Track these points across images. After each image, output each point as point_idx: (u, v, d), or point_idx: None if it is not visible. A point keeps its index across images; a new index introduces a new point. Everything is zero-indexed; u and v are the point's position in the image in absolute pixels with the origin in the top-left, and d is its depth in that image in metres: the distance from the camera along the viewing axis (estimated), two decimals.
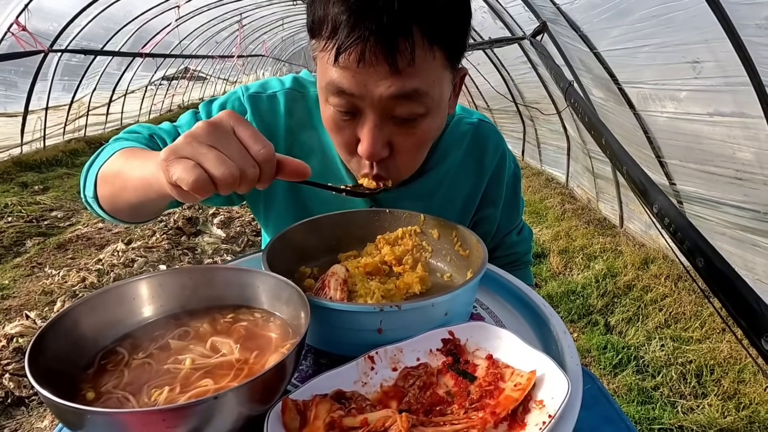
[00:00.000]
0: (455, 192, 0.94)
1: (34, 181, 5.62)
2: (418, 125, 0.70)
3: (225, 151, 0.49)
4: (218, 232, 4.20)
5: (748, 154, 2.15)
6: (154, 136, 0.83)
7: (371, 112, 0.68)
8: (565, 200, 4.73)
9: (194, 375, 0.52)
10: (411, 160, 0.77)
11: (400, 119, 0.69)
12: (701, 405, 2.16)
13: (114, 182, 0.69)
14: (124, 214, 0.75)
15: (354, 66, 0.63)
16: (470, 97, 7.46)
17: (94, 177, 0.73)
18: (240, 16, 9.81)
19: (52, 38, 5.46)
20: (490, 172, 0.96)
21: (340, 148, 0.76)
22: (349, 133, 0.72)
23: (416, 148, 0.75)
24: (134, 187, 0.65)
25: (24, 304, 3.01)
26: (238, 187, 0.50)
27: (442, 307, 0.61)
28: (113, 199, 0.71)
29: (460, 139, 0.93)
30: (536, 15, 3.29)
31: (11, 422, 2.13)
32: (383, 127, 0.69)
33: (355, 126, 0.71)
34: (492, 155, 0.95)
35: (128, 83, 8.39)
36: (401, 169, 0.77)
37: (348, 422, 0.48)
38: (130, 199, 0.67)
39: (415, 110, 0.68)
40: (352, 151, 0.74)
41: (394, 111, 0.68)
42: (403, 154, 0.74)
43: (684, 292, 2.94)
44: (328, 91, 0.68)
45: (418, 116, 0.69)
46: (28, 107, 5.75)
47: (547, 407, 0.49)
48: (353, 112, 0.69)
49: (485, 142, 0.94)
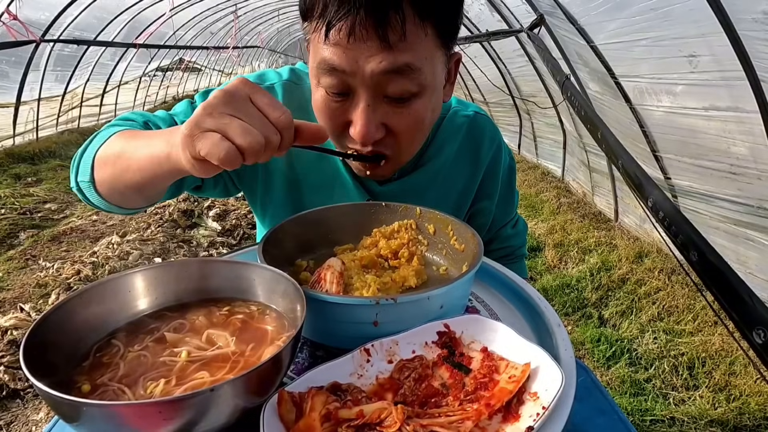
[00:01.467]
0: (451, 185, 0.94)
1: (27, 173, 5.57)
2: (411, 105, 0.69)
3: (247, 120, 0.49)
4: (214, 225, 4.19)
5: (743, 149, 2.17)
6: (149, 123, 0.82)
7: (363, 91, 0.66)
8: (561, 194, 4.74)
9: (190, 367, 0.52)
10: (410, 141, 0.75)
11: (393, 98, 0.67)
12: (693, 397, 2.19)
13: (116, 163, 0.66)
14: (123, 198, 0.71)
15: (344, 41, 0.62)
16: (467, 90, 7.44)
17: (90, 161, 0.70)
18: (235, 7, 9.70)
19: (44, 28, 5.38)
20: (486, 164, 0.96)
21: (332, 132, 0.73)
22: (341, 117, 0.70)
23: (413, 130, 0.73)
24: (139, 166, 0.63)
25: (18, 296, 3.00)
26: (263, 155, 0.50)
27: (438, 300, 0.61)
28: (113, 182, 0.68)
29: (456, 132, 0.93)
30: (533, 7, 3.27)
31: (6, 414, 2.13)
32: (376, 108, 0.68)
33: (347, 108, 0.69)
34: (488, 148, 0.95)
35: (122, 74, 8.30)
36: (402, 148, 0.75)
37: (344, 414, 0.48)
38: (134, 179, 0.65)
39: (407, 88, 0.66)
40: (345, 133, 0.72)
41: (387, 89, 0.66)
42: (401, 135, 0.72)
43: (677, 285, 2.97)
44: (320, 70, 0.67)
45: (411, 95, 0.68)
46: (20, 98, 5.68)
47: (541, 399, 0.50)
48: (345, 93, 0.68)
49: (481, 134, 0.94)
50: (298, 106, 0.86)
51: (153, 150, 0.60)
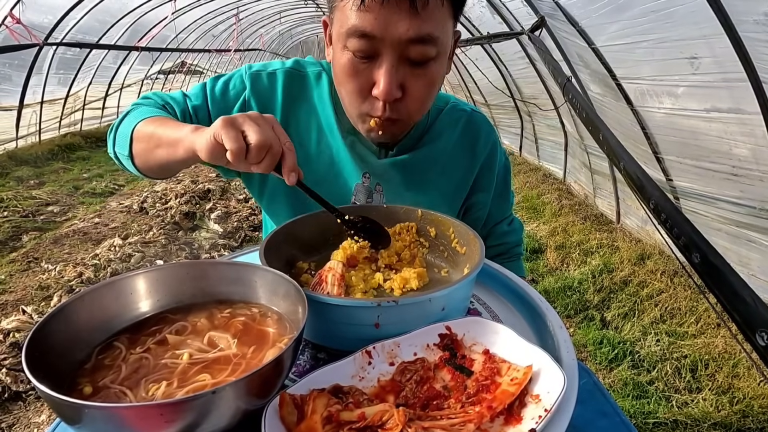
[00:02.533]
0: (449, 172, 0.99)
1: (30, 176, 5.59)
2: (428, 68, 0.77)
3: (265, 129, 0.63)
4: (215, 227, 4.19)
5: (745, 151, 2.16)
6: (165, 106, 0.92)
7: (389, 54, 0.74)
8: (563, 196, 4.74)
9: (192, 369, 0.52)
10: (420, 103, 0.82)
11: (413, 62, 0.75)
12: (696, 399, 2.18)
13: (149, 140, 0.79)
14: (152, 169, 0.85)
15: (377, 8, 0.70)
16: (468, 91, 7.44)
17: (129, 135, 0.82)
18: (237, 10, 9.73)
19: (47, 31, 5.40)
20: (483, 158, 1.01)
21: (353, 94, 0.80)
22: (365, 77, 0.77)
23: (426, 91, 0.80)
24: (167, 144, 0.76)
25: (20, 298, 3.00)
26: (264, 154, 0.62)
27: (439, 302, 0.61)
28: (146, 155, 0.81)
29: (454, 124, 0.99)
30: (535, 10, 3.27)
31: (8, 417, 2.13)
32: (398, 69, 0.75)
33: (372, 69, 0.76)
34: (484, 143, 1.01)
35: (124, 77, 8.32)
36: (411, 112, 0.82)
37: (345, 416, 0.48)
38: (161, 155, 0.78)
39: (427, 53, 0.74)
40: (365, 95, 0.79)
41: (409, 53, 0.74)
42: (414, 97, 0.79)
43: (680, 287, 2.96)
44: (349, 35, 0.74)
45: (429, 59, 0.76)
46: (23, 101, 5.70)
47: (543, 401, 0.50)
48: (371, 56, 0.75)
49: (478, 129, 1.01)
50: (298, 91, 0.95)
51: (178, 135, 0.73)
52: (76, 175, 5.90)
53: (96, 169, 6.23)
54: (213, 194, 4.99)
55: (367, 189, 0.95)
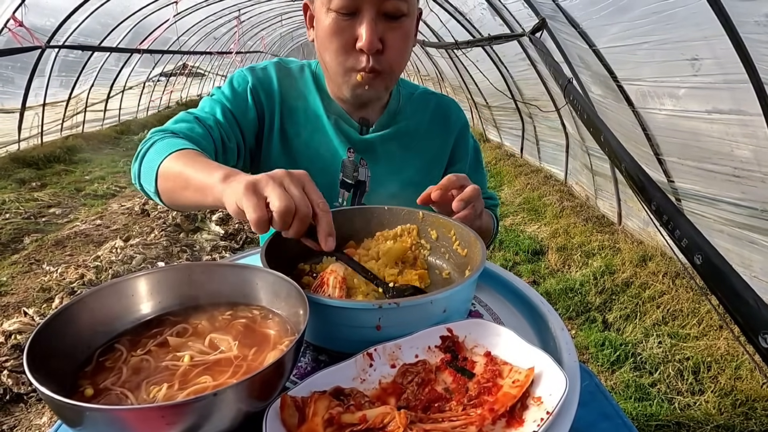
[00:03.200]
0: (426, 145, 1.09)
1: (32, 178, 5.60)
2: (402, 23, 0.88)
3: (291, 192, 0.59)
4: (217, 229, 4.20)
5: (746, 152, 2.16)
6: (198, 120, 0.94)
7: (368, 9, 0.84)
8: (564, 197, 4.73)
9: (193, 372, 0.52)
10: (398, 54, 0.91)
11: (389, 16, 0.86)
12: (698, 401, 2.17)
13: (176, 180, 0.78)
14: (180, 206, 0.85)
15: None
16: (469, 93, 7.44)
17: (155, 171, 0.80)
18: (238, 12, 9.76)
19: (49, 34, 5.42)
20: (456, 132, 1.13)
21: (338, 51, 0.89)
22: (348, 33, 0.87)
23: (402, 44, 0.90)
24: (195, 188, 0.74)
25: (22, 300, 3.01)
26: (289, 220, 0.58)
27: (441, 304, 0.61)
28: (174, 194, 0.80)
29: (426, 105, 1.12)
30: (535, 11, 3.28)
31: (10, 419, 2.13)
32: (377, 23, 0.86)
33: (354, 26, 0.86)
34: (455, 119, 1.13)
35: (126, 79, 8.35)
36: (392, 62, 0.91)
37: (346, 419, 0.48)
38: (189, 197, 0.77)
39: (400, 7, 0.86)
40: (349, 50, 0.88)
41: (386, 8, 0.85)
42: (393, 48, 0.89)
43: (682, 289, 2.95)
44: None
45: (402, 15, 0.87)
46: (25, 103, 5.72)
47: (545, 404, 0.49)
48: (352, 13, 0.85)
49: (447, 107, 1.14)
50: (287, 80, 1.04)
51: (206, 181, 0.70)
52: (77, 177, 5.92)
53: (98, 171, 6.24)
54: None
55: (353, 163, 1.03)
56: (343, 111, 1.03)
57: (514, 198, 5.08)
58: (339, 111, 1.02)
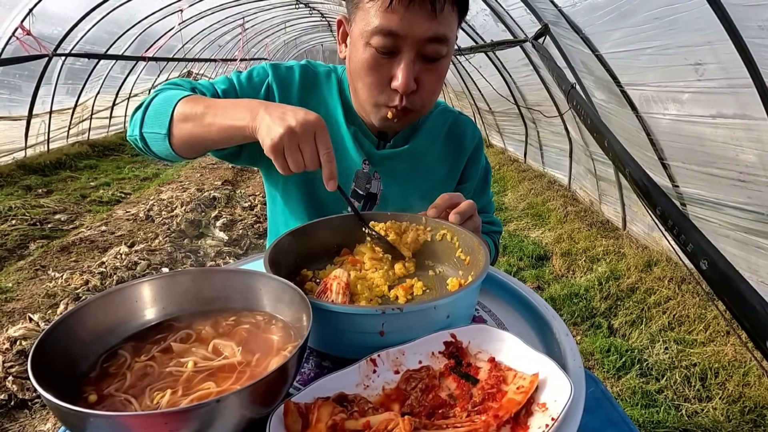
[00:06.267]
0: (440, 162, 1.10)
1: (38, 184, 5.64)
2: (439, 64, 0.87)
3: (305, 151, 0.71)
4: (221, 235, 4.21)
5: (752, 156, 2.14)
6: (195, 89, 0.95)
7: (408, 51, 0.83)
8: (568, 202, 4.72)
9: (196, 378, 0.52)
10: (431, 95, 0.91)
11: (428, 58, 0.85)
12: (706, 408, 2.15)
13: (199, 121, 0.81)
14: (190, 149, 0.87)
15: (402, 10, 0.79)
16: (472, 99, 7.46)
17: (168, 115, 0.83)
18: (242, 20, 9.85)
19: (56, 42, 5.49)
20: (470, 151, 1.13)
21: (371, 86, 0.89)
22: (386, 71, 0.86)
23: (436, 85, 0.90)
24: (220, 128, 0.79)
25: (27, 306, 3.02)
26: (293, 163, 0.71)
27: (444, 310, 0.61)
28: (191, 136, 0.83)
29: (444, 122, 1.12)
30: (538, 17, 3.29)
31: (14, 425, 2.13)
32: (415, 65, 0.85)
33: (391, 65, 0.86)
34: (471, 138, 1.14)
35: (132, 87, 8.42)
36: (424, 102, 0.91)
37: (350, 425, 0.48)
38: (213, 138, 0.81)
39: (440, 51, 0.85)
40: (383, 87, 0.88)
41: (426, 51, 0.84)
42: (426, 89, 0.89)
43: (688, 294, 2.93)
44: (374, 33, 0.83)
45: (440, 57, 0.86)
46: (32, 111, 5.78)
47: (550, 410, 0.49)
48: (392, 52, 0.84)
49: (464, 126, 1.14)
50: (311, 84, 1.04)
51: (235, 120, 0.78)
52: (83, 183, 5.96)
53: (103, 177, 6.28)
54: (218, 202, 5.01)
55: (366, 175, 1.03)
56: (363, 123, 1.03)
57: (517, 203, 5.06)
58: (359, 123, 1.03)
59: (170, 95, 0.87)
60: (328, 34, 17.65)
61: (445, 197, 0.84)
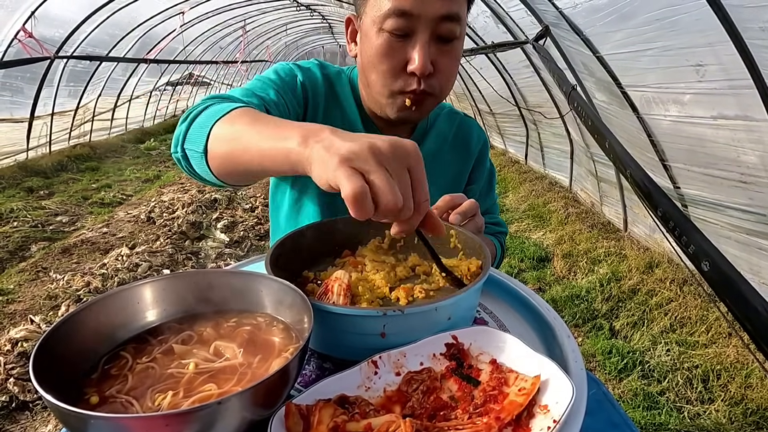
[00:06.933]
0: (448, 166, 1.10)
1: (40, 186, 5.66)
2: (454, 45, 0.86)
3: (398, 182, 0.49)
4: (222, 237, 4.21)
5: (753, 157, 2.14)
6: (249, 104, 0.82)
7: (423, 32, 0.82)
8: (569, 204, 4.71)
9: (198, 379, 0.52)
10: (448, 78, 0.89)
11: (442, 39, 0.84)
12: (708, 410, 2.14)
13: (236, 141, 0.66)
14: (230, 175, 0.72)
15: None
16: (473, 100, 7.46)
17: (206, 131, 0.69)
18: (244, 22, 9.87)
19: (58, 45, 5.51)
20: (476, 154, 1.14)
21: (387, 72, 0.86)
22: (400, 55, 0.84)
23: (452, 67, 0.88)
24: (261, 153, 0.62)
25: (29, 308, 3.02)
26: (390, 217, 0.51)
27: (446, 312, 0.61)
28: (227, 159, 0.68)
29: (451, 123, 1.12)
30: (538, 19, 3.29)
31: (15, 427, 2.13)
32: (431, 46, 0.84)
33: (405, 47, 0.84)
34: (477, 140, 1.14)
35: (133, 89, 8.44)
36: (443, 86, 0.89)
37: (351, 427, 0.48)
38: (250, 163, 0.64)
39: (454, 30, 0.84)
40: (399, 73, 0.86)
41: (440, 30, 0.83)
42: (443, 72, 0.87)
43: (689, 296, 2.92)
44: (387, 16, 0.82)
45: (454, 38, 0.85)
46: (34, 113, 5.80)
47: (551, 412, 0.49)
48: (406, 34, 0.83)
49: (470, 128, 1.14)
50: (330, 83, 1.02)
51: (278, 145, 0.58)
52: (85, 185, 5.97)
53: (104, 179, 6.30)
54: (219, 204, 5.02)
55: None
56: (375, 127, 1.02)
57: (518, 205, 5.06)
58: (372, 126, 1.02)
59: (216, 110, 0.72)
60: (329, 36, 17.69)
61: (446, 199, 0.83)
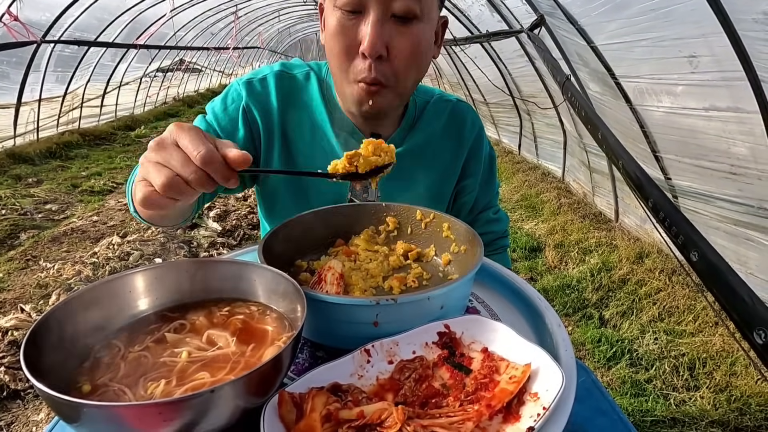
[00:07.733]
0: (438, 160, 1.02)
1: (28, 174, 5.57)
2: (412, 27, 0.78)
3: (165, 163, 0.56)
4: (214, 226, 4.19)
5: (743, 149, 2.16)
6: None
7: (374, 8, 0.76)
8: (561, 194, 4.74)
9: (191, 368, 0.52)
10: (405, 65, 0.81)
11: (398, 18, 0.77)
12: (693, 398, 2.19)
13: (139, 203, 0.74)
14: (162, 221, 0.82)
15: None
16: (467, 90, 7.43)
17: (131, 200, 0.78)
18: (236, 8, 9.71)
19: (44, 28, 5.38)
20: (470, 144, 1.05)
21: (341, 55, 0.81)
22: (352, 34, 0.78)
23: (410, 52, 0.80)
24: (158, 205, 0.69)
25: (19, 297, 3.00)
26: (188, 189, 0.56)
27: (438, 301, 0.61)
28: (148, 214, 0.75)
29: (441, 113, 1.03)
30: (534, 8, 3.27)
31: (7, 415, 2.13)
32: (384, 24, 0.77)
33: (358, 26, 0.78)
34: (470, 129, 1.05)
35: (122, 75, 8.30)
36: (397, 73, 0.81)
37: (344, 415, 0.48)
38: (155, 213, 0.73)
39: (411, 8, 0.76)
40: (353, 54, 0.80)
41: (393, 7, 0.76)
42: (399, 57, 0.80)
43: (678, 285, 2.97)
44: None
45: (413, 17, 0.77)
46: (20, 99, 5.68)
47: (541, 399, 0.50)
48: (358, 11, 0.77)
49: (463, 116, 1.05)
50: (288, 92, 0.96)
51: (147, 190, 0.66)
52: (74, 173, 5.89)
53: (94, 167, 6.21)
54: None
55: (363, 182, 0.96)
56: (352, 125, 0.94)
57: (511, 195, 5.08)
58: (348, 125, 0.94)
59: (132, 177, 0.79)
60: None
61: None
